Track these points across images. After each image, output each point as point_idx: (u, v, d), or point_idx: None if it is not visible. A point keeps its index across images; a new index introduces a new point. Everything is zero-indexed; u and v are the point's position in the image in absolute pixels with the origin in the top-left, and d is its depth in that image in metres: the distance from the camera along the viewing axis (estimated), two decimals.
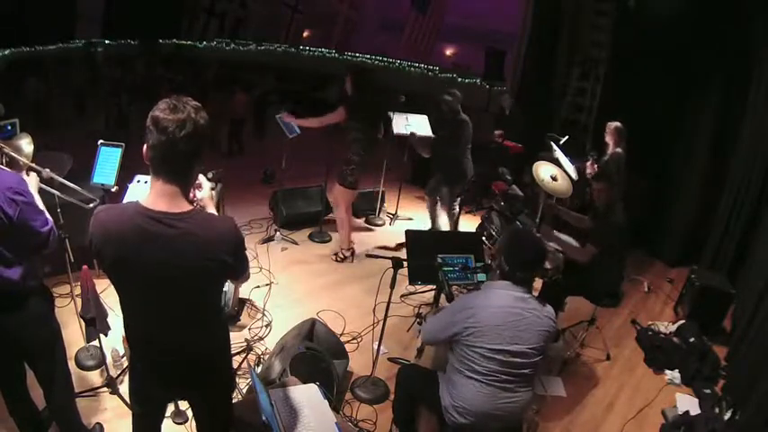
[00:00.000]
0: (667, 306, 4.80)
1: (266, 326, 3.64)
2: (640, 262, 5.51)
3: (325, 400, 2.24)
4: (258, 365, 3.19)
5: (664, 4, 5.52)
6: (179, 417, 2.66)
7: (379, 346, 3.08)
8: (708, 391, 3.48)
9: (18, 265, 2.00)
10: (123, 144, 3.16)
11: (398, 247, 5.22)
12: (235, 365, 3.14)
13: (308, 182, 5.20)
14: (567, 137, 5.60)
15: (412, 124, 5.45)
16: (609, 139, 4.98)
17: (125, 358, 2.99)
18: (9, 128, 2.97)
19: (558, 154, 4.85)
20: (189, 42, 15.63)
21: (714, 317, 4.25)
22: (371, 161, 4.53)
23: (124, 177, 3.04)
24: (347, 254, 4.82)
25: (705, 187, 5.38)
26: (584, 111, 7.03)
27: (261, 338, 3.51)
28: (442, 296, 2.81)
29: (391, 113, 5.56)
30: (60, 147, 4.18)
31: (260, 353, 3.36)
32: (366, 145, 4.36)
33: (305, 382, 2.40)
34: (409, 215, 6.17)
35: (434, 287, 3.76)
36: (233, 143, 8.17)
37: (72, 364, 2.62)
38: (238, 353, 3.28)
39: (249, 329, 3.59)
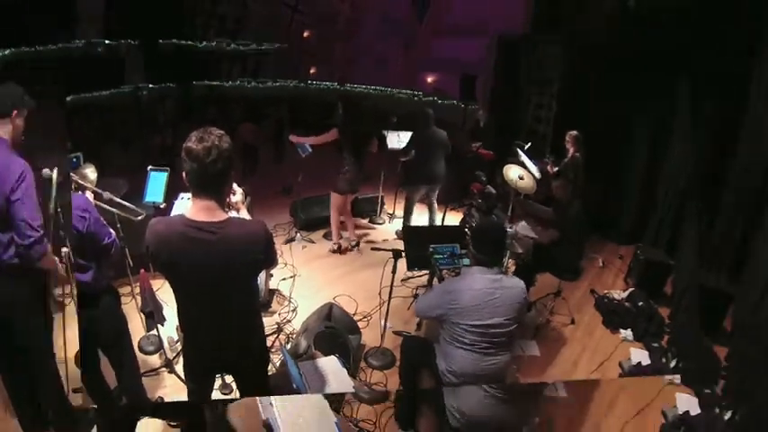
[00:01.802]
0: (618, 278, 4.79)
1: (293, 311, 3.65)
2: (596, 243, 5.49)
3: (344, 368, 2.26)
4: (287, 343, 3.20)
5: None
6: (225, 388, 2.67)
7: (385, 322, 3.10)
8: (656, 345, 3.50)
9: (90, 270, 2.03)
10: (168, 168, 3.17)
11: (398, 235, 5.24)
12: (268, 344, 3.14)
13: (321, 191, 5.21)
14: (529, 143, 5.59)
15: (402, 140, 5.46)
16: (569, 145, 4.98)
17: (179, 343, 3.00)
18: (75, 160, 2.97)
19: (524, 158, 4.85)
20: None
21: (657, 285, 4.27)
22: (363, 173, 4.55)
23: (170, 195, 3.04)
24: (335, 247, 4.79)
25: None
26: (543, 122, 7.03)
27: (289, 321, 3.52)
28: (435, 279, 2.82)
29: (385, 132, 5.57)
30: (116, 174, 4.18)
31: (288, 333, 3.37)
32: (350, 157, 4.39)
33: (326, 355, 2.42)
34: None
35: (428, 272, 3.77)
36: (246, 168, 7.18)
37: (136, 350, 2.62)
38: (271, 334, 3.29)
39: (279, 314, 3.60)
